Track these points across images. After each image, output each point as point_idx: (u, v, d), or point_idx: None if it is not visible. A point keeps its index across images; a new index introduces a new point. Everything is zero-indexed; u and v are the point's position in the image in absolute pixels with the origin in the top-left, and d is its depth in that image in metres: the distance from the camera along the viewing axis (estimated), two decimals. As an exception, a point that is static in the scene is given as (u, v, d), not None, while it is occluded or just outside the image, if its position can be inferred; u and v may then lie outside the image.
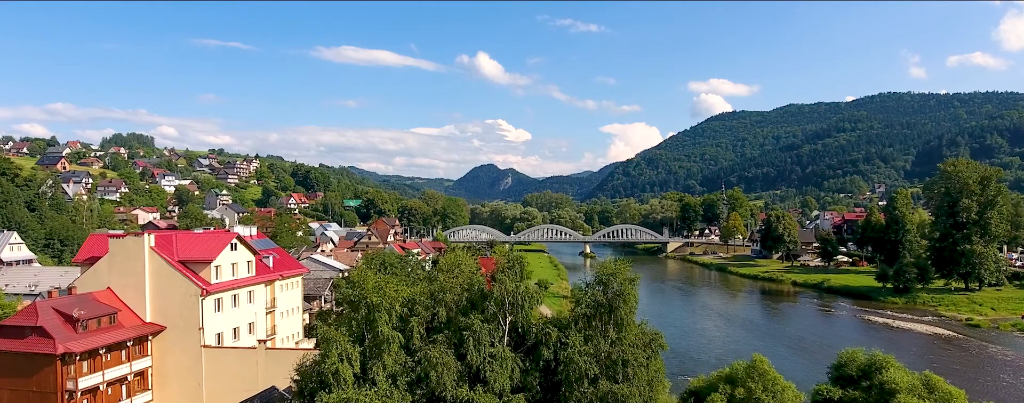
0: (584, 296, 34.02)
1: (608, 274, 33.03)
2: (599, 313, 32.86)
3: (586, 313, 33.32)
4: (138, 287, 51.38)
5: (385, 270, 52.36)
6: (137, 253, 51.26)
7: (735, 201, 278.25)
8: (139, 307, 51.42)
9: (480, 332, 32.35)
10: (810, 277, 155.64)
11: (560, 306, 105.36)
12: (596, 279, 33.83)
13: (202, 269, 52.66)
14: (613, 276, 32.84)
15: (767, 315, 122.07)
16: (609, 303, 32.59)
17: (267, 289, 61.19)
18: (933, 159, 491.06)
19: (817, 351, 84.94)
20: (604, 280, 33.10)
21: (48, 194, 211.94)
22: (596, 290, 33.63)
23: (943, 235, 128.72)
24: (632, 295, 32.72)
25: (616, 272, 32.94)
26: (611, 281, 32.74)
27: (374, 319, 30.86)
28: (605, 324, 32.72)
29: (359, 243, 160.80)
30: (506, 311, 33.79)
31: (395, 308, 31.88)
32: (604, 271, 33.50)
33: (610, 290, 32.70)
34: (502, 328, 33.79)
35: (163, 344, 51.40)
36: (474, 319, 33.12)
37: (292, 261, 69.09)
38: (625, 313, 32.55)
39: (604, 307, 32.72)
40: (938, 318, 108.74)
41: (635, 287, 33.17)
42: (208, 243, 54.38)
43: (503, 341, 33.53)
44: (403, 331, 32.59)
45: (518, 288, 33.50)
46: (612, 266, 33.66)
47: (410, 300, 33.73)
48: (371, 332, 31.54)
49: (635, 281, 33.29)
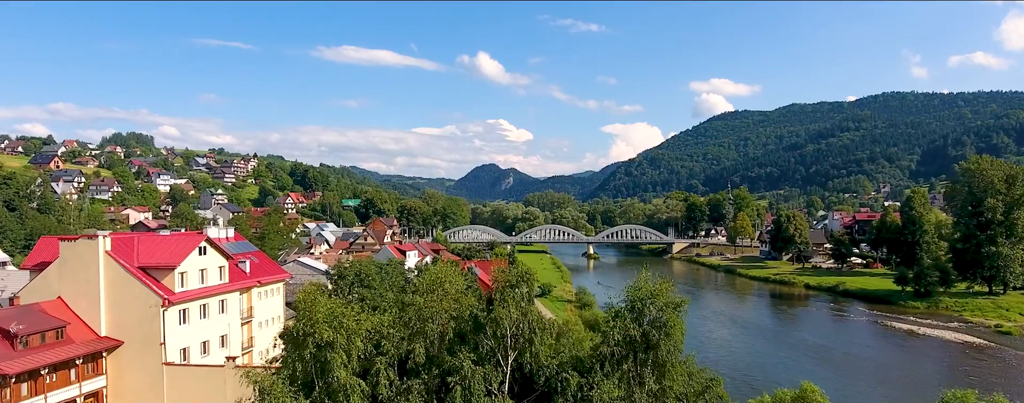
0: (612, 329, 25.38)
1: (643, 297, 24.47)
2: (633, 351, 24.29)
3: (616, 352, 24.61)
4: (92, 297, 45.52)
5: (362, 283, 45.24)
6: (90, 258, 45.41)
7: (741, 201, 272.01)
8: (93, 319, 45.54)
9: (472, 376, 24.64)
10: (824, 280, 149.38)
11: (564, 312, 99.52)
12: (627, 304, 25.36)
13: (165, 276, 46.77)
14: (650, 300, 24.28)
15: (784, 321, 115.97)
16: (645, 338, 23.98)
17: (243, 297, 55.27)
18: (938, 159, 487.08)
19: (843, 362, 79.07)
20: (638, 306, 24.61)
21: (36, 193, 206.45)
22: (627, 319, 24.99)
23: (966, 236, 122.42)
24: (678, 326, 24.21)
25: (655, 294, 24.28)
26: (647, 307, 24.23)
27: (326, 361, 23.17)
28: (641, 366, 24.32)
29: (355, 244, 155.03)
30: (508, 346, 25.49)
31: (355, 344, 23.81)
32: (638, 292, 24.96)
33: (646, 318, 24.29)
34: (502, 370, 25.98)
35: (120, 361, 45.50)
36: (464, 358, 25.42)
37: (272, 265, 63.12)
38: (668, 350, 24.02)
39: (639, 343, 24.12)
40: (965, 324, 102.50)
41: (682, 314, 24.64)
42: (172, 247, 48.46)
43: (504, 388, 25.75)
44: (366, 376, 25.15)
45: (525, 315, 24.91)
46: (648, 285, 25.01)
47: (376, 332, 25.59)
48: (322, 378, 24.08)
49: (682, 307, 24.74)
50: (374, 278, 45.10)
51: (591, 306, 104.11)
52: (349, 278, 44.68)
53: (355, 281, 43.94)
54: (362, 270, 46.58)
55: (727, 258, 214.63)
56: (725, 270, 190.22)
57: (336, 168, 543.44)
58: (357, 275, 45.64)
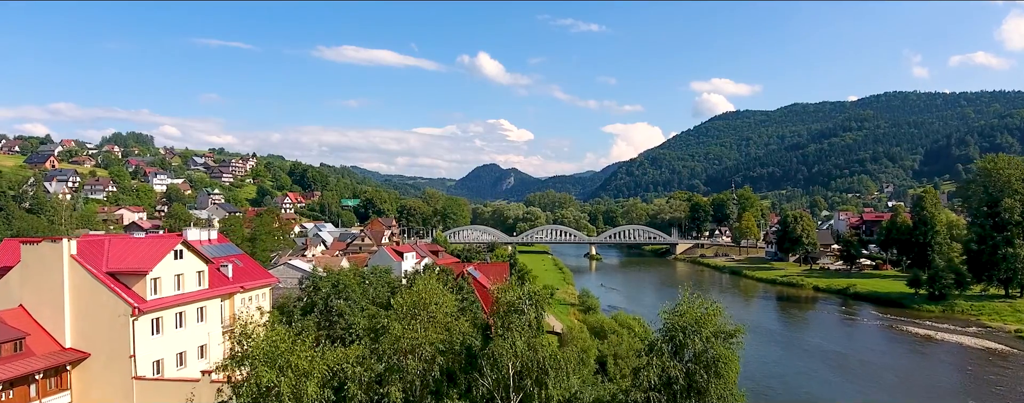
0: (648, 368, 19.13)
1: (686, 325, 18.54)
2: (673, 395, 18.20)
3: (652, 398, 18.66)
4: (56, 305, 41.68)
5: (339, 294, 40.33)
6: (54, 263, 41.59)
7: (746, 201, 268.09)
8: (57, 330, 41.70)
9: None
10: (833, 282, 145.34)
11: (568, 317, 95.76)
12: (664, 334, 19.32)
13: (136, 282, 42.96)
14: (695, 329, 18.34)
15: (795, 326, 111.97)
16: (689, 378, 18.12)
17: (224, 304, 51.45)
18: (942, 158, 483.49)
19: (861, 371, 75.18)
20: (679, 337, 18.59)
21: (28, 193, 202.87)
22: (665, 354, 18.90)
23: (981, 237, 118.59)
24: (732, 364, 18.48)
25: (702, 320, 18.35)
26: (690, 338, 18.32)
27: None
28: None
29: (351, 245, 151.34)
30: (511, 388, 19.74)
31: (307, 389, 17.90)
32: (679, 319, 18.98)
33: (688, 352, 18.39)
34: None
35: (86, 375, 41.67)
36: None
37: (258, 269, 59.31)
38: (718, 396, 18.17)
39: (680, 386, 18.12)
40: (983, 329, 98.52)
41: (736, 347, 18.90)
42: (145, 251, 44.65)
43: None
44: None
45: (534, 349, 18.83)
46: (692, 307, 19.23)
47: (338, 371, 19.52)
48: None
49: (736, 337, 18.88)
50: (354, 289, 39.82)
51: (595, 310, 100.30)
52: (324, 289, 39.71)
53: (331, 293, 39.23)
54: (340, 279, 41.12)
55: (732, 259, 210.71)
56: (730, 271, 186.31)
57: (337, 168, 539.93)
58: (334, 286, 40.47)
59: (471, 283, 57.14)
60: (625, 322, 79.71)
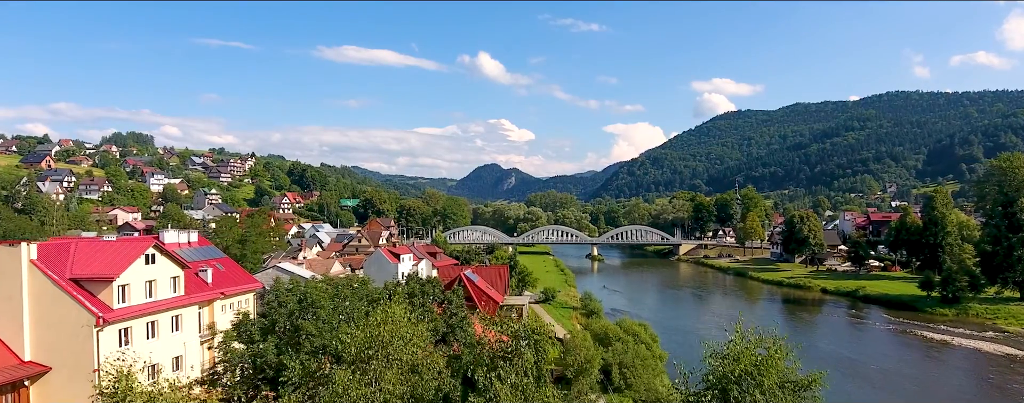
0: None
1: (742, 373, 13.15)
2: None
3: None
4: (14, 314, 38.29)
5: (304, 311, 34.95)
6: (12, 269, 38.20)
7: (749, 201, 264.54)
8: (15, 341, 38.30)
9: None
10: (842, 284, 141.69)
11: (570, 321, 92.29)
12: (711, 387, 13.97)
13: (102, 290, 39.54)
14: (753, 379, 13.02)
15: (804, 330, 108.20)
16: None
17: (202, 312, 48.01)
18: (945, 158, 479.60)
19: (879, 380, 71.66)
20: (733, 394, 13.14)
21: (21, 193, 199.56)
22: None
23: (995, 238, 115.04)
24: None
25: (763, 365, 12.96)
26: (750, 393, 13.04)
27: None
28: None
29: (348, 246, 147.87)
30: None
31: None
32: (734, 366, 13.75)
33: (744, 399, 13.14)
34: None
35: (46, 390, 38.24)
36: None
37: (242, 274, 55.86)
38: None
39: None
40: (1001, 334, 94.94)
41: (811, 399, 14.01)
42: (113, 256, 41.22)
43: None
44: None
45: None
46: (750, 350, 13.99)
47: None
48: None
49: (813, 387, 14.31)
50: (324, 305, 35.01)
51: (598, 314, 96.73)
52: (289, 305, 35.27)
53: (296, 309, 34.91)
54: (307, 293, 36.16)
55: (736, 260, 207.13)
56: (735, 273, 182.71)
57: (337, 168, 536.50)
58: (300, 301, 35.80)
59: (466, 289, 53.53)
60: (630, 329, 76.14)
